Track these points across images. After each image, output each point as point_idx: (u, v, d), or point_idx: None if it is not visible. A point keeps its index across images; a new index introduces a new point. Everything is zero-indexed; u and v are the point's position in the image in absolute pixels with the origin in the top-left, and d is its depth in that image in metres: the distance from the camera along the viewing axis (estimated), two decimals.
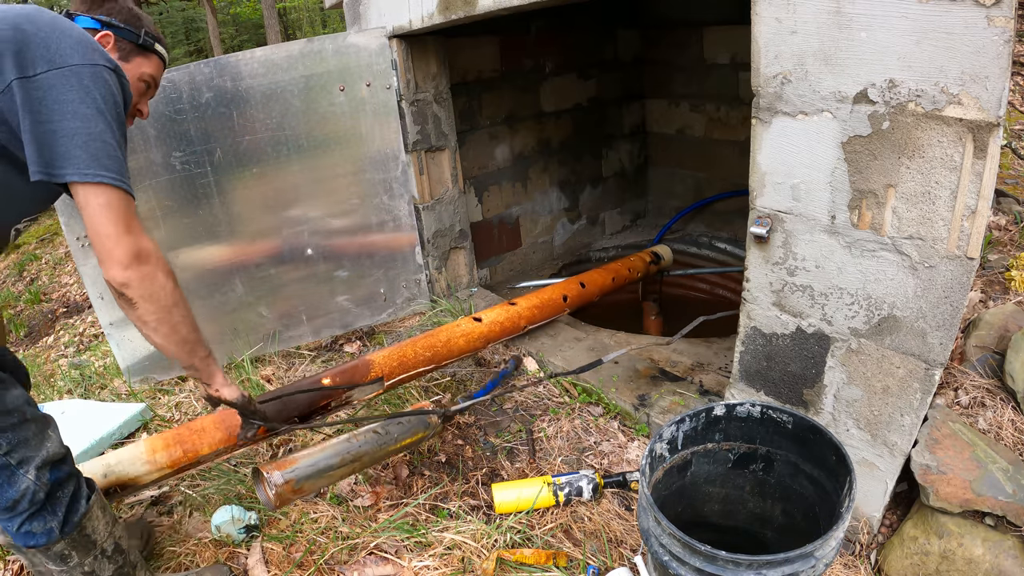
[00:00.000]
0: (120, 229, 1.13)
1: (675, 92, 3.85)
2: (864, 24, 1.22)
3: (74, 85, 1.10)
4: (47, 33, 1.11)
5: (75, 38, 1.14)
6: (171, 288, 1.21)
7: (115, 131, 1.14)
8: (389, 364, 1.99)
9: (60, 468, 1.25)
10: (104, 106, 1.12)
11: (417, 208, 2.87)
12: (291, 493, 1.56)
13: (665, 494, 1.39)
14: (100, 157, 1.11)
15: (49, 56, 1.09)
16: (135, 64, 1.45)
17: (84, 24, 1.36)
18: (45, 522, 1.24)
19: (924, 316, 1.34)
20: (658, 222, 4.09)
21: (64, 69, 1.09)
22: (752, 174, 1.54)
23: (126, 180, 1.15)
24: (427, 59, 2.72)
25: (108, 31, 1.39)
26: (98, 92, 1.12)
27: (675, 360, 2.43)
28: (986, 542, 1.40)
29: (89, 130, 1.10)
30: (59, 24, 1.14)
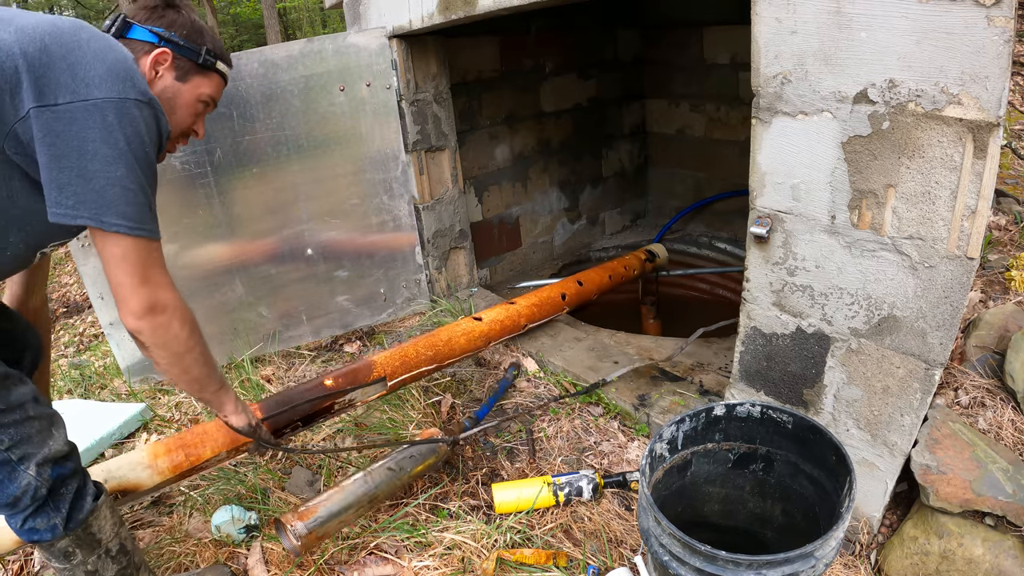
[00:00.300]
0: (135, 280, 1.11)
1: (675, 92, 3.85)
2: (864, 24, 1.22)
3: (97, 122, 1.02)
4: (76, 57, 1.02)
5: (107, 65, 1.04)
6: (185, 336, 1.20)
7: (139, 173, 1.08)
8: (391, 364, 1.99)
9: (63, 465, 1.24)
10: (128, 147, 1.05)
11: (417, 208, 2.87)
12: (314, 540, 1.60)
13: (665, 494, 1.39)
14: (118, 204, 1.05)
15: (74, 85, 1.01)
16: (193, 84, 1.34)
17: (141, 36, 1.25)
18: (48, 518, 1.23)
19: (924, 316, 1.34)
20: (658, 222, 4.09)
21: (89, 103, 1.01)
22: (752, 174, 1.54)
23: (146, 226, 1.10)
24: (427, 59, 2.72)
25: (166, 48, 1.27)
26: (122, 132, 1.04)
27: (675, 360, 2.43)
28: (986, 542, 1.40)
29: (108, 174, 1.04)
30: (92, 46, 1.05)
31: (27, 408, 1.18)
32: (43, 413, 1.22)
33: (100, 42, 1.07)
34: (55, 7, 15.37)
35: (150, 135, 1.10)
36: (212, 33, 1.37)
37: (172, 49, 1.28)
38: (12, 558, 1.74)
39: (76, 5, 14.53)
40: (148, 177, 1.11)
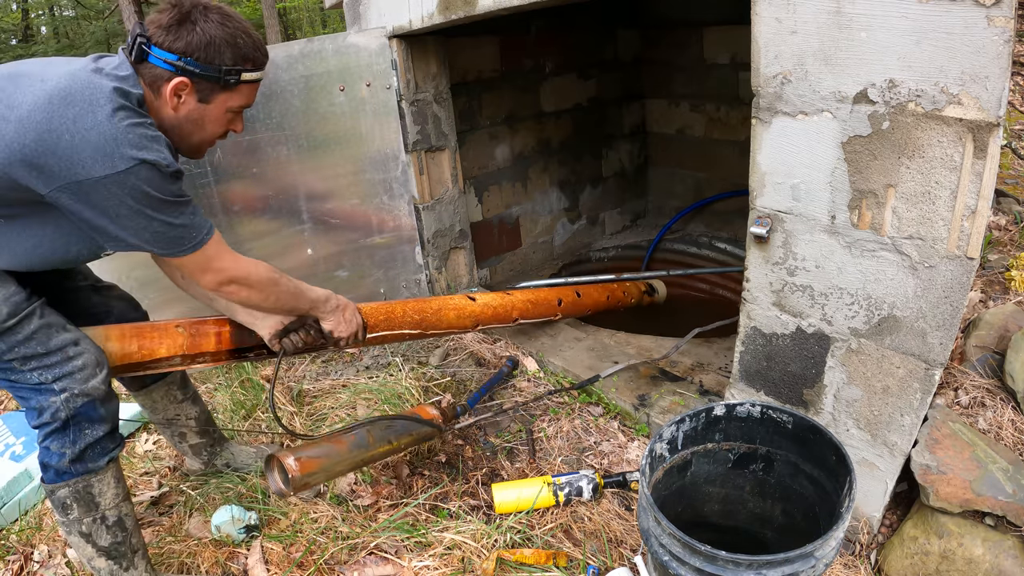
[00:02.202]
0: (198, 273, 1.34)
1: (675, 92, 3.85)
2: (864, 24, 1.22)
3: (102, 195, 1.14)
4: (67, 143, 1.10)
5: (94, 144, 1.11)
6: (257, 293, 1.43)
7: (163, 216, 1.21)
8: (375, 316, 1.88)
9: (96, 407, 1.37)
10: (140, 205, 1.17)
11: (417, 208, 2.87)
12: (305, 476, 1.57)
13: (665, 494, 1.39)
14: (158, 243, 1.24)
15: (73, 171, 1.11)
16: (218, 102, 1.33)
17: (158, 64, 1.24)
18: (61, 444, 1.35)
19: (924, 316, 1.34)
20: (658, 222, 4.09)
21: (87, 182, 1.12)
22: (752, 174, 1.54)
23: (187, 245, 1.27)
24: (427, 59, 2.72)
25: (184, 77, 1.25)
26: (129, 196, 1.15)
27: (675, 360, 2.43)
28: (986, 542, 1.40)
29: (136, 226, 1.20)
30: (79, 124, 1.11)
31: (67, 351, 1.33)
32: (87, 354, 1.36)
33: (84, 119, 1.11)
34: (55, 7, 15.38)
35: (153, 185, 1.18)
36: (236, 39, 1.29)
37: (189, 77, 1.26)
38: (12, 557, 1.74)
39: (76, 5, 14.53)
40: (171, 212, 1.22)
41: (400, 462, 2.01)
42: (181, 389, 1.84)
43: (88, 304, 1.60)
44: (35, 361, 1.31)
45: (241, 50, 1.29)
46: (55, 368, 1.32)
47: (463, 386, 2.42)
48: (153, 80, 1.25)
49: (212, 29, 1.25)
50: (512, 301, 2.42)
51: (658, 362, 2.42)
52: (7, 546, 1.79)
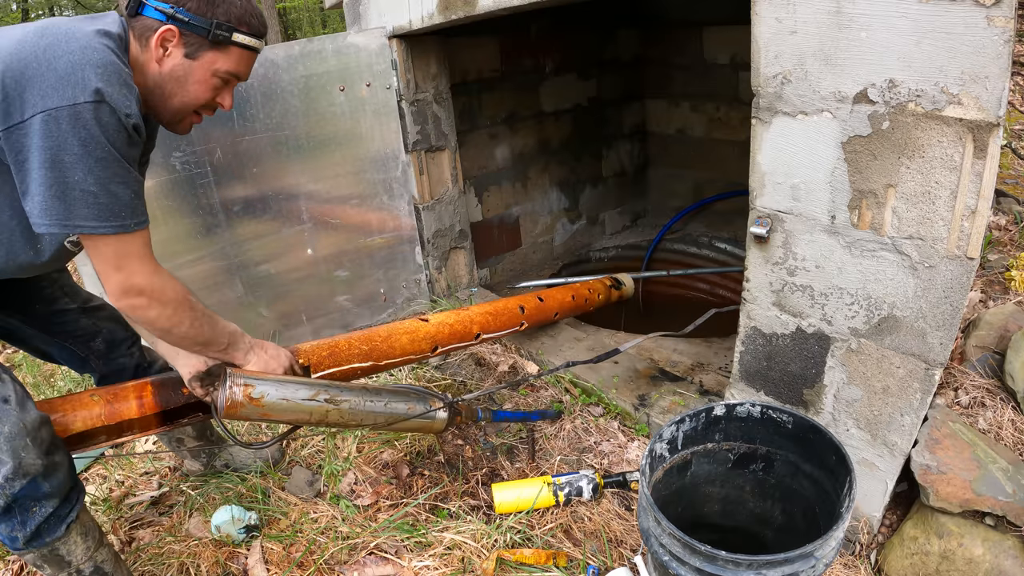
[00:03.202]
0: (109, 269, 1.16)
1: (675, 92, 3.85)
2: (864, 24, 1.22)
3: (52, 131, 1.04)
4: (33, 70, 1.04)
5: (57, 73, 1.05)
6: (168, 314, 1.24)
7: (99, 173, 1.08)
8: (318, 353, 1.73)
9: (38, 484, 1.24)
10: (84, 150, 1.06)
11: (417, 208, 2.87)
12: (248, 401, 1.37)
13: (665, 494, 1.38)
14: (82, 207, 1.08)
15: (33, 100, 1.04)
16: (206, 60, 1.24)
17: (150, 14, 1.19)
18: (11, 528, 1.23)
19: (924, 316, 1.34)
20: (658, 222, 4.09)
21: (44, 114, 1.04)
22: (752, 174, 1.54)
23: (112, 222, 1.12)
24: (427, 59, 2.72)
25: (172, 25, 1.19)
26: (76, 137, 1.05)
27: (675, 360, 2.43)
28: (986, 542, 1.40)
29: (70, 179, 1.06)
30: (47, 54, 1.05)
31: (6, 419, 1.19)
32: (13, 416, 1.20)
33: (56, 47, 1.06)
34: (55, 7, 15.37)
35: (108, 135, 1.08)
36: (232, 3, 1.23)
37: (178, 26, 1.19)
38: (13, 557, 1.74)
39: (76, 5, 14.53)
40: (112, 174, 1.10)
41: (400, 462, 2.01)
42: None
43: (76, 327, 1.55)
44: None
45: (236, 9, 1.23)
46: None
47: (463, 386, 2.42)
48: (143, 31, 1.19)
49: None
50: (470, 316, 2.25)
51: (662, 349, 2.41)
52: None
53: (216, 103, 1.32)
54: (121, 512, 1.86)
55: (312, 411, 1.46)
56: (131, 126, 1.13)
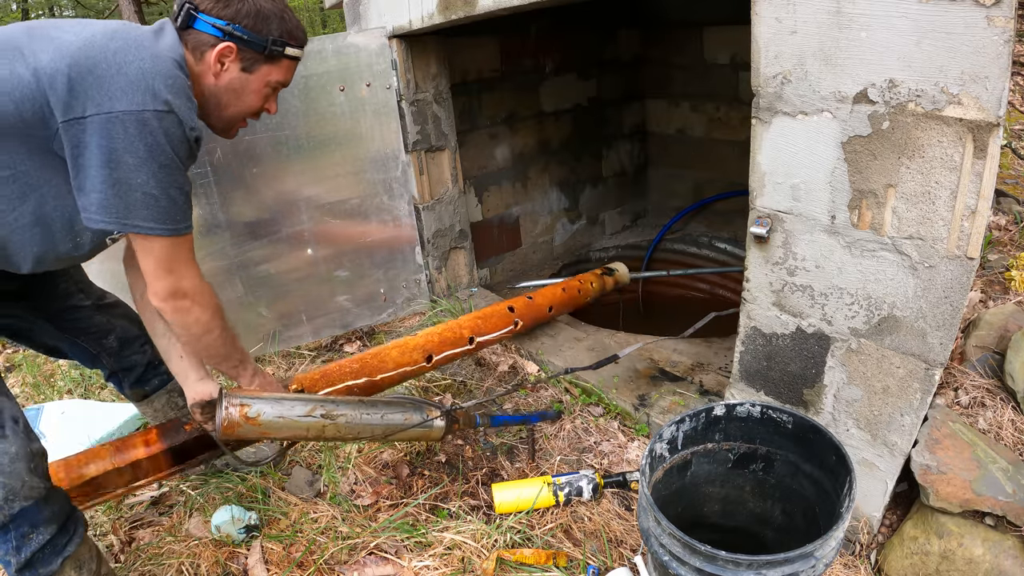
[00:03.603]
0: (160, 270, 1.22)
1: (675, 92, 3.85)
2: (864, 24, 1.22)
3: (119, 134, 1.08)
4: (102, 70, 1.08)
5: (129, 76, 1.09)
6: (206, 320, 1.31)
7: (162, 180, 1.14)
8: (311, 378, 1.81)
9: (37, 511, 1.24)
10: (149, 155, 1.11)
11: (417, 208, 2.87)
12: (244, 420, 1.41)
13: (665, 494, 1.38)
14: (142, 209, 1.14)
15: (99, 99, 1.08)
16: (261, 74, 1.32)
17: (205, 29, 1.23)
18: (5, 552, 1.22)
19: (924, 316, 1.34)
20: (658, 222, 4.09)
21: (109, 115, 1.08)
22: (752, 174, 1.54)
23: (167, 225, 1.18)
24: (427, 59, 2.72)
25: (231, 42, 1.24)
26: (143, 142, 1.10)
27: (675, 360, 2.43)
28: (986, 542, 1.40)
29: (133, 181, 1.11)
30: (117, 58, 1.10)
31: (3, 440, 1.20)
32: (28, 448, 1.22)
33: (125, 53, 1.11)
34: (55, 7, 15.36)
35: (172, 143, 1.14)
36: (283, 13, 1.30)
37: (236, 43, 1.25)
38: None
39: (76, 5, 14.52)
40: (172, 181, 1.16)
41: (400, 462, 2.01)
42: (182, 395, 1.82)
43: (89, 324, 1.58)
44: None
45: (287, 24, 1.30)
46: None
47: (463, 386, 2.42)
48: (197, 46, 1.24)
49: (261, 2, 1.26)
50: (459, 323, 2.26)
51: (662, 349, 2.42)
52: None
53: (264, 108, 1.40)
54: (121, 512, 1.86)
55: (309, 427, 1.49)
56: (193, 139, 1.20)
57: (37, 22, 1.17)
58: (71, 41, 1.10)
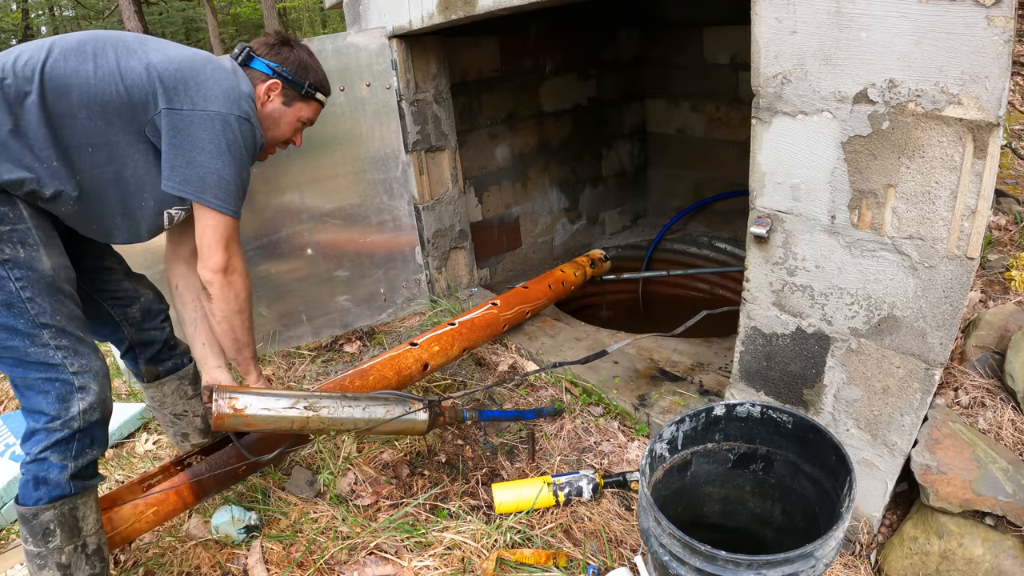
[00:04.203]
0: (219, 245, 1.47)
1: (675, 92, 3.85)
2: (864, 24, 1.22)
3: (208, 127, 1.38)
4: (201, 79, 1.40)
5: (222, 88, 1.41)
6: (244, 298, 1.57)
7: (233, 168, 1.43)
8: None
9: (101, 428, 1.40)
10: (228, 148, 1.41)
11: (417, 208, 2.87)
12: (233, 412, 1.49)
13: (665, 494, 1.39)
14: (214, 187, 1.41)
15: (196, 99, 1.38)
16: (295, 108, 1.67)
17: (259, 67, 1.59)
18: (64, 455, 1.32)
19: (924, 316, 1.34)
20: (658, 222, 4.09)
21: (206, 112, 1.38)
22: (752, 174, 1.54)
23: (232, 207, 1.46)
24: (427, 59, 2.72)
25: (277, 80, 1.60)
26: (225, 137, 1.40)
27: (675, 360, 2.43)
28: (986, 542, 1.40)
29: (211, 165, 1.40)
30: (214, 75, 1.42)
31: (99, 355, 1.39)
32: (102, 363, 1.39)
33: (219, 72, 1.44)
34: (55, 7, 15.38)
35: (245, 143, 1.46)
36: (317, 68, 1.68)
37: (282, 81, 1.61)
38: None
39: (76, 5, 14.53)
40: (240, 172, 1.46)
41: (400, 462, 2.01)
42: (192, 385, 1.85)
43: (118, 288, 1.67)
44: (66, 339, 1.30)
45: (319, 76, 1.69)
46: (82, 358, 1.33)
47: (464, 386, 2.42)
48: (252, 79, 1.57)
49: (304, 56, 1.65)
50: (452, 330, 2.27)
51: (662, 349, 2.42)
52: (7, 546, 1.79)
53: (291, 140, 1.73)
54: None
55: (293, 419, 1.58)
56: (259, 144, 1.53)
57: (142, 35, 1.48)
58: (177, 53, 1.43)
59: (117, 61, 1.35)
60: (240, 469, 1.66)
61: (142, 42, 1.43)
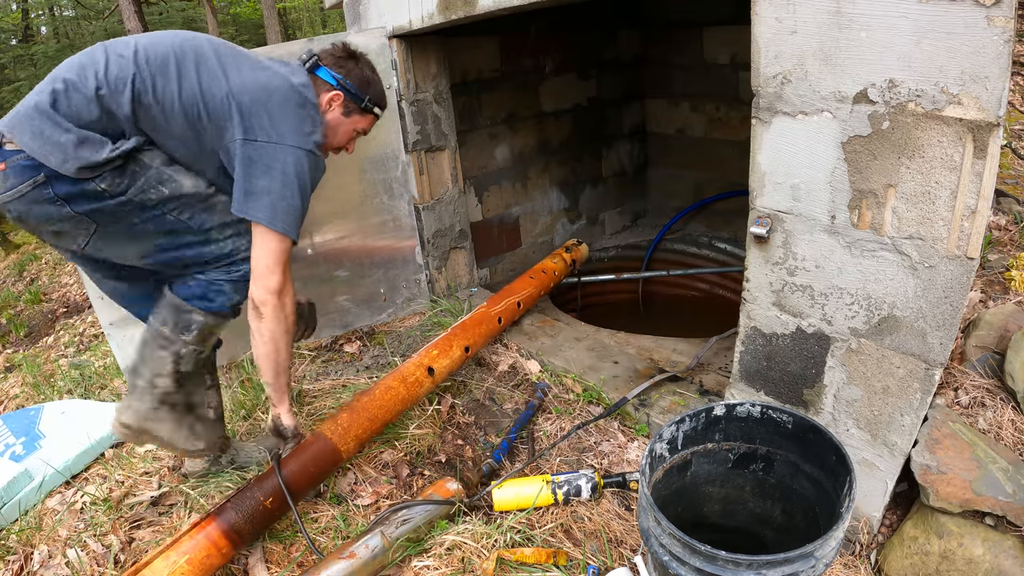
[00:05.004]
0: (279, 267, 1.54)
1: (675, 92, 3.85)
2: (864, 24, 1.22)
3: (280, 159, 1.49)
4: (274, 112, 1.50)
5: (292, 123, 1.51)
6: (291, 322, 1.62)
7: (298, 198, 1.53)
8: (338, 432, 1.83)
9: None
10: (296, 180, 1.51)
11: (417, 208, 2.87)
12: None
13: (665, 494, 1.39)
14: (283, 214, 1.51)
15: (270, 131, 1.49)
16: (353, 120, 1.74)
17: (325, 77, 1.66)
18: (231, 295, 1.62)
19: (924, 316, 1.34)
20: (658, 222, 4.09)
21: (280, 145, 1.49)
22: (752, 174, 1.54)
23: (294, 234, 1.54)
24: (427, 59, 2.72)
25: (340, 92, 1.67)
26: (295, 169, 1.51)
27: (675, 360, 2.43)
28: (986, 542, 1.40)
29: (280, 193, 1.50)
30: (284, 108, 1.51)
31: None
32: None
33: (289, 104, 1.53)
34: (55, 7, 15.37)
35: (311, 175, 1.56)
36: (377, 83, 1.76)
37: (344, 93, 1.68)
38: (12, 558, 1.74)
39: (76, 5, 14.53)
40: (304, 202, 1.55)
41: (400, 462, 2.01)
42: (210, 374, 1.87)
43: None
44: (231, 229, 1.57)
45: (379, 92, 1.77)
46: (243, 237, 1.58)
47: (464, 386, 2.42)
48: (316, 87, 1.65)
49: (366, 71, 1.73)
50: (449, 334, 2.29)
51: (662, 349, 2.42)
52: (7, 546, 1.79)
53: (345, 147, 1.82)
54: (121, 512, 1.86)
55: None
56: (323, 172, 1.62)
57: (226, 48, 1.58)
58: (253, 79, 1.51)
59: (199, 83, 1.47)
60: (270, 506, 1.61)
61: (220, 58, 1.52)
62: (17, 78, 11.01)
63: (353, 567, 1.51)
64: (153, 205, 1.49)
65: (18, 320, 4.51)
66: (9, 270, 6.29)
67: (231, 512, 1.54)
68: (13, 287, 5.64)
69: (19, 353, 3.14)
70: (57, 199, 1.40)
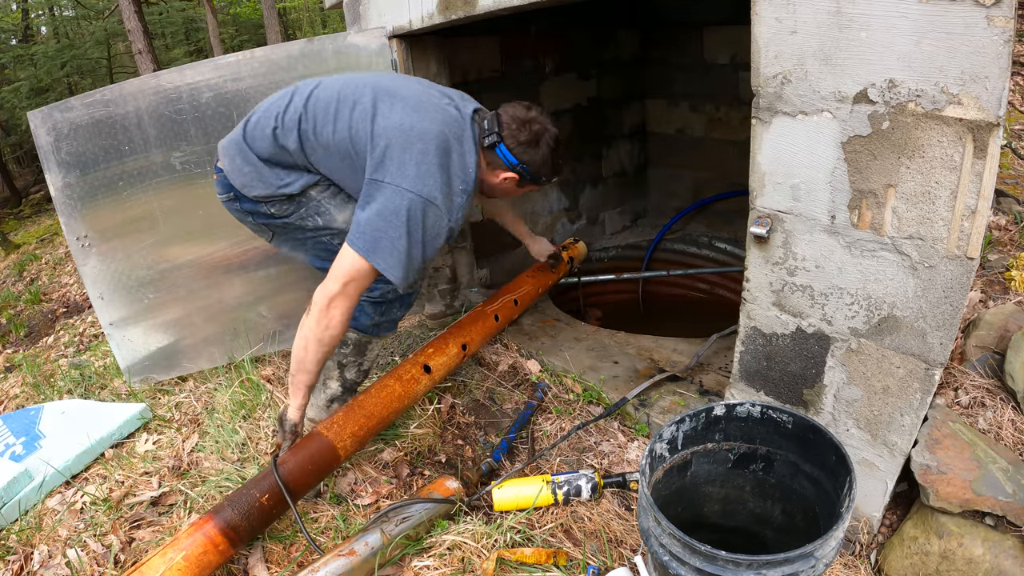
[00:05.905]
0: (343, 279, 1.60)
1: (675, 92, 3.85)
2: (864, 24, 1.22)
3: (397, 202, 1.56)
4: (404, 158, 1.58)
5: (416, 171, 1.57)
6: (330, 335, 1.64)
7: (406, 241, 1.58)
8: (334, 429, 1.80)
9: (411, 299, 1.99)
10: (407, 223, 1.57)
11: None
12: None
13: (665, 494, 1.39)
14: (368, 238, 1.57)
15: (395, 175, 1.57)
16: (525, 188, 1.88)
17: (503, 156, 1.74)
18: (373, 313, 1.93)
19: (924, 316, 1.34)
20: (658, 222, 4.09)
21: (399, 189, 1.56)
22: (752, 174, 1.54)
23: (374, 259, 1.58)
24: (427, 59, 2.72)
25: (516, 175, 1.78)
26: (408, 213, 1.56)
27: (675, 360, 2.43)
28: (986, 542, 1.40)
29: (386, 233, 1.56)
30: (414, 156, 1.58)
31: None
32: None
33: (420, 154, 1.59)
34: (55, 7, 15.37)
35: (427, 223, 1.60)
36: (558, 158, 1.81)
37: (520, 176, 1.78)
38: (12, 558, 1.74)
39: (76, 5, 14.53)
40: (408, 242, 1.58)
41: (400, 462, 2.01)
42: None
43: None
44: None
45: (556, 169, 1.84)
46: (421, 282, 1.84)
47: (464, 386, 2.42)
48: (492, 160, 1.77)
49: (547, 154, 1.77)
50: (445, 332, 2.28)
51: (662, 349, 2.42)
52: (7, 546, 1.79)
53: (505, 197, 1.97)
54: (121, 512, 1.86)
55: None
56: (446, 225, 1.65)
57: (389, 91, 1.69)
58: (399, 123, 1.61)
59: (350, 125, 1.64)
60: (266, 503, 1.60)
61: (376, 101, 1.65)
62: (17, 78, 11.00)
63: (352, 564, 1.51)
64: (310, 229, 1.82)
65: (18, 320, 4.52)
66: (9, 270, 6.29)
67: (228, 510, 1.54)
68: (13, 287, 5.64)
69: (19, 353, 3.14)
70: (243, 211, 1.84)
